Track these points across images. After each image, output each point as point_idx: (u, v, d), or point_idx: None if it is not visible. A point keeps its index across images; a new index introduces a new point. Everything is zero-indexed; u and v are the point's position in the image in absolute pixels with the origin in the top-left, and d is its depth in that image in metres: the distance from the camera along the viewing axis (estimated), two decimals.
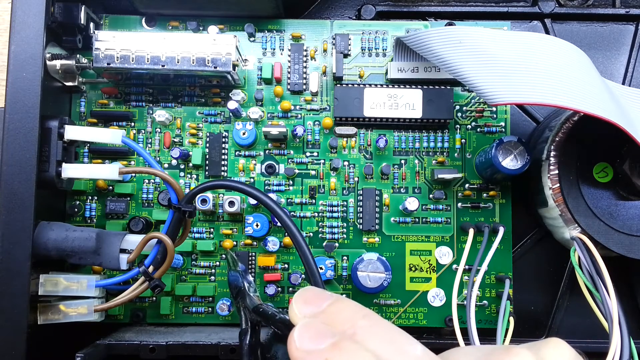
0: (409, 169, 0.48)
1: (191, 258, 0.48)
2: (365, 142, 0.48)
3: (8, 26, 0.39)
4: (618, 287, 0.40)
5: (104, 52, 0.43)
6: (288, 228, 0.38)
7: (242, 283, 0.40)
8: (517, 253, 0.49)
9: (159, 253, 0.40)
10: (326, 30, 0.49)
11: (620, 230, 0.42)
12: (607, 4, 0.52)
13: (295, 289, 0.48)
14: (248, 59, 0.49)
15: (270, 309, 0.35)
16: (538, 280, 0.49)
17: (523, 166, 0.43)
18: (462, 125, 0.49)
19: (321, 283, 0.38)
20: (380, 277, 0.44)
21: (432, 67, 0.47)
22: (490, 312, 0.47)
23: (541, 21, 0.51)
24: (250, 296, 0.39)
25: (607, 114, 0.37)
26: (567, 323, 0.49)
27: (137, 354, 0.40)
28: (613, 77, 0.50)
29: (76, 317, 0.40)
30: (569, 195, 0.42)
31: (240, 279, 0.40)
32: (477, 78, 0.39)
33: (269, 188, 0.48)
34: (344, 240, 0.48)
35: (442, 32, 0.41)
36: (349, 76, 0.49)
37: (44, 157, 0.40)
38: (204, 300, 0.48)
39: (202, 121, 0.49)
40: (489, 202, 0.48)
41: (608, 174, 0.44)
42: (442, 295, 0.47)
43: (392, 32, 0.49)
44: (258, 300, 0.39)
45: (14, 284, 0.37)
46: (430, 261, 0.48)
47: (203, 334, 0.44)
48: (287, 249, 0.48)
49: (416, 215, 0.48)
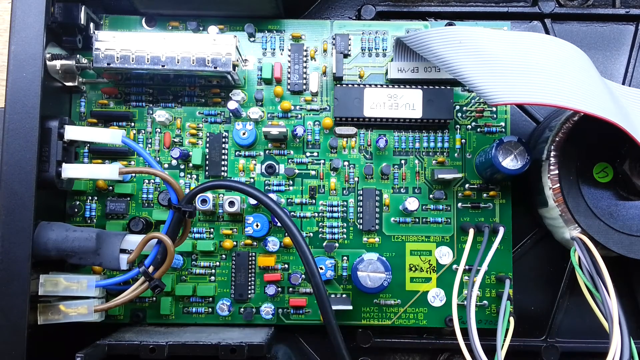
0: (409, 169, 0.48)
1: (191, 258, 0.48)
2: (366, 142, 0.48)
3: (8, 26, 0.39)
4: (618, 287, 0.40)
5: (104, 52, 0.43)
6: (288, 228, 0.38)
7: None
8: (517, 253, 0.49)
9: (159, 253, 0.40)
10: (326, 31, 0.49)
11: (620, 230, 0.42)
12: (607, 4, 0.52)
13: (295, 289, 0.48)
14: (248, 59, 0.49)
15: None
16: (538, 281, 0.49)
17: (523, 166, 0.43)
18: (462, 125, 0.49)
19: (321, 283, 0.38)
20: (381, 277, 0.44)
21: (432, 67, 0.47)
22: (490, 312, 0.47)
23: (541, 21, 0.51)
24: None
25: (607, 114, 0.37)
26: (567, 323, 0.49)
27: (137, 354, 0.40)
28: (613, 77, 0.50)
29: (76, 317, 0.40)
30: (569, 195, 0.42)
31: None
32: (477, 78, 0.39)
33: (269, 188, 0.48)
34: (344, 240, 0.48)
35: (442, 32, 0.41)
36: (349, 76, 0.49)
37: (44, 157, 0.40)
38: (204, 300, 0.47)
39: (202, 121, 0.49)
40: (489, 202, 0.48)
41: (608, 174, 0.44)
42: (442, 296, 0.47)
43: (392, 32, 0.49)
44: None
45: (14, 284, 0.37)
46: (431, 261, 0.48)
47: (203, 334, 0.44)
48: (287, 249, 0.48)
49: (416, 215, 0.48)
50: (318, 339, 0.49)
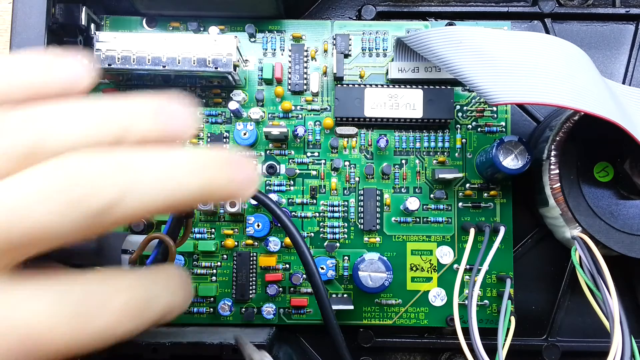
0: (410, 168, 0.48)
1: (192, 259, 0.48)
2: (366, 142, 0.49)
3: (9, 26, 0.40)
4: (619, 286, 0.40)
5: (105, 53, 0.43)
6: (288, 229, 0.38)
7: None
8: (518, 252, 0.49)
9: (160, 254, 0.40)
10: (327, 31, 0.49)
11: (621, 230, 0.42)
12: (607, 3, 0.52)
13: (296, 289, 0.48)
14: (249, 59, 0.49)
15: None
16: (539, 280, 0.49)
17: (524, 166, 0.43)
18: (463, 125, 0.49)
19: (321, 284, 0.38)
20: (382, 277, 0.44)
21: (432, 67, 0.47)
22: (491, 312, 0.47)
23: (541, 21, 0.51)
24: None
25: (608, 113, 0.37)
26: (568, 322, 0.49)
27: (140, 354, 0.40)
28: (613, 76, 0.50)
29: None
30: (569, 194, 0.42)
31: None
32: (478, 78, 0.39)
33: (269, 188, 0.48)
34: (345, 240, 0.48)
35: (442, 32, 0.41)
36: (350, 76, 0.49)
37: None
38: (205, 300, 0.48)
39: (203, 122, 0.49)
40: (489, 202, 0.48)
41: (609, 174, 0.44)
42: (443, 295, 0.47)
43: (392, 32, 0.49)
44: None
45: None
46: (432, 261, 0.48)
47: (205, 334, 0.44)
48: (288, 249, 0.48)
49: (417, 215, 0.48)
50: (319, 339, 0.49)
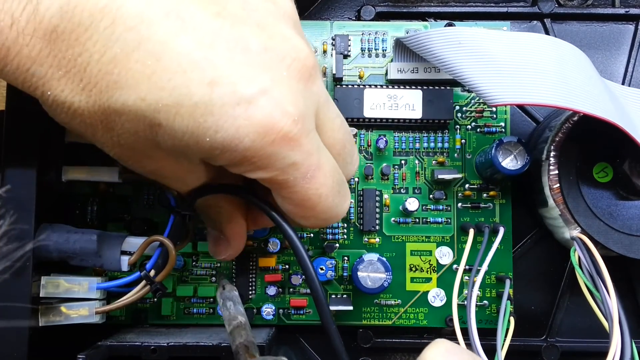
0: (409, 169, 0.48)
1: (192, 259, 0.48)
2: (366, 143, 0.49)
3: None
4: (618, 286, 0.40)
5: None
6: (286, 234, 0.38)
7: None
8: (517, 253, 0.49)
9: (160, 257, 0.40)
10: (326, 31, 0.49)
11: (620, 230, 0.42)
12: (606, 3, 0.52)
13: (296, 289, 0.48)
14: None
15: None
16: (538, 280, 0.49)
17: (523, 166, 0.43)
18: (462, 125, 0.49)
19: (320, 284, 0.37)
20: (381, 278, 0.44)
21: (431, 68, 0.47)
22: (490, 312, 0.47)
23: (541, 21, 0.51)
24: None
25: (607, 114, 0.37)
26: (567, 323, 0.49)
27: (139, 355, 0.40)
28: (613, 77, 0.50)
29: (77, 318, 0.40)
30: (568, 195, 0.42)
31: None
32: (477, 79, 0.39)
33: None
34: (345, 240, 0.48)
35: (441, 32, 0.41)
36: (349, 77, 0.49)
37: (45, 159, 0.40)
38: (205, 301, 0.48)
39: None
40: (489, 203, 0.48)
41: (608, 174, 0.44)
42: (442, 296, 0.47)
43: (391, 33, 0.49)
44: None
45: (15, 285, 0.37)
46: (431, 261, 0.48)
47: (204, 334, 0.44)
48: (287, 250, 0.48)
49: (416, 215, 0.48)
50: (319, 339, 0.49)
